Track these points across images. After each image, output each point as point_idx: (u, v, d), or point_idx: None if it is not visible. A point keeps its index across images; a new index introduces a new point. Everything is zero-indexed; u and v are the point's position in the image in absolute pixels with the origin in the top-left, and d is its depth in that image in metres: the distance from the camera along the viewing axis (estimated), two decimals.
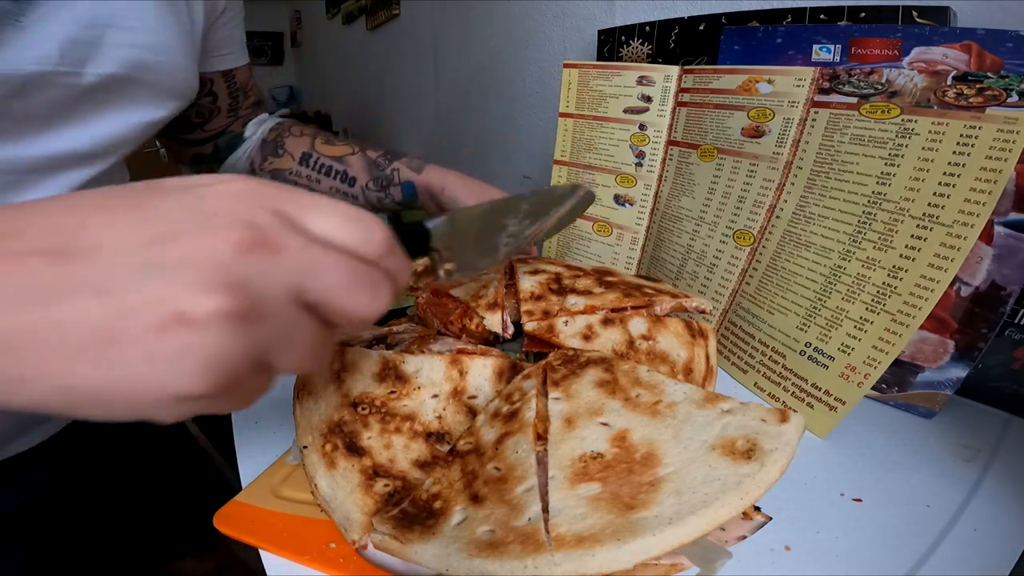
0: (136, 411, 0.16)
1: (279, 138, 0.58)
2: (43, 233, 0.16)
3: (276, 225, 0.17)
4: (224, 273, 0.16)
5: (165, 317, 0.15)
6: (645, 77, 0.50)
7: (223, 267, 0.16)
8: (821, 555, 0.29)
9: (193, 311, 0.15)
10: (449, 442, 0.31)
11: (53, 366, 0.15)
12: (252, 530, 0.29)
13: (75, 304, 0.15)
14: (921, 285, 0.33)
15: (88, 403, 0.16)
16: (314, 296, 0.18)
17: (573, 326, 0.37)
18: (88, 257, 0.16)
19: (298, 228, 0.18)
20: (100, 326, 0.15)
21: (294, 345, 0.18)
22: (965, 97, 0.31)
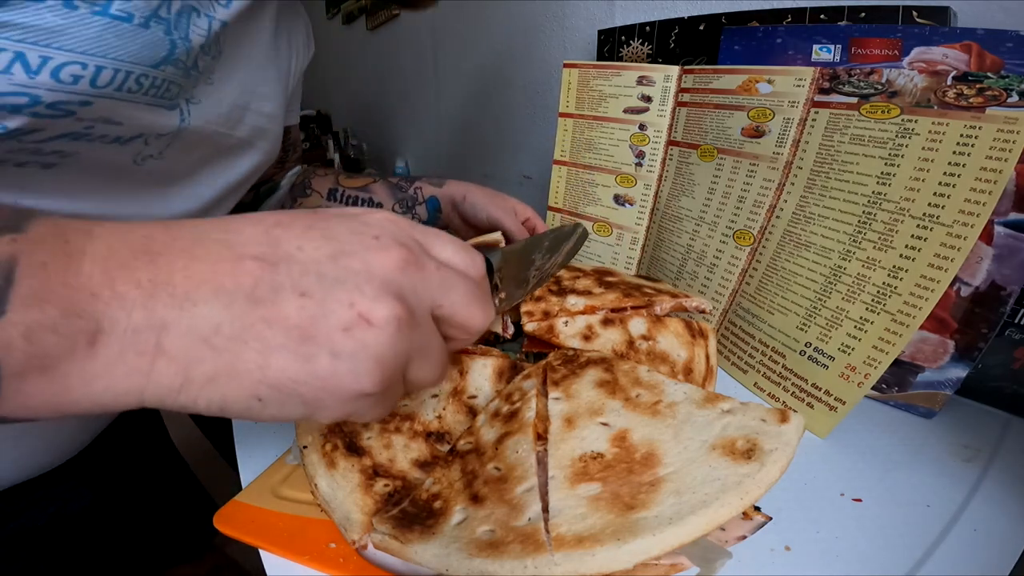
0: (311, 405, 0.18)
1: (306, 180, 0.61)
2: (248, 242, 0.18)
3: (418, 247, 0.20)
4: (393, 285, 0.19)
5: (353, 319, 0.17)
6: (645, 77, 0.50)
7: (391, 280, 0.19)
8: (821, 555, 0.29)
9: (374, 315, 0.18)
10: (449, 442, 0.31)
11: (251, 360, 0.17)
12: (252, 530, 0.29)
13: (284, 303, 0.17)
14: (921, 285, 0.33)
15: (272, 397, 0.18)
16: (445, 310, 0.21)
17: (573, 326, 0.37)
18: (288, 264, 0.18)
19: (431, 253, 0.21)
20: (300, 324, 0.17)
21: (431, 354, 0.21)
22: (965, 97, 0.31)
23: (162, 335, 0.16)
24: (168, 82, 0.33)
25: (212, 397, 0.17)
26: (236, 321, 0.17)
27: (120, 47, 0.28)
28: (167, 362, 0.17)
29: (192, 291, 0.17)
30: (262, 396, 0.17)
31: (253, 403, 0.18)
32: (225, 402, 0.17)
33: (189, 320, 0.17)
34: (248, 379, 0.17)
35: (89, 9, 0.26)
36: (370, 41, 1.69)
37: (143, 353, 0.16)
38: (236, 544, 0.29)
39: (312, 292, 0.18)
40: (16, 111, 0.27)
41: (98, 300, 0.16)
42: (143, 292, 0.16)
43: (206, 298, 0.17)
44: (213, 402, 0.17)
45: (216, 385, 0.17)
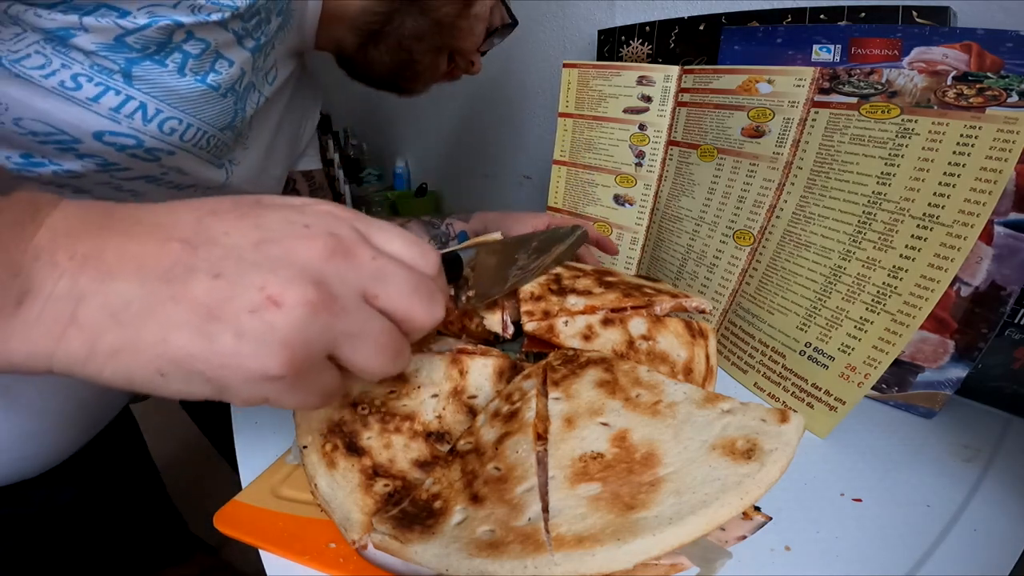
0: (216, 384, 0.18)
1: None
2: (180, 225, 0.19)
3: (354, 237, 0.21)
4: (312, 272, 0.19)
5: (261, 301, 0.18)
6: (645, 77, 0.50)
7: (312, 267, 0.19)
8: (821, 555, 0.29)
9: (284, 297, 0.18)
10: (449, 442, 0.31)
11: (153, 335, 0.17)
12: (252, 530, 0.29)
13: (195, 283, 0.18)
14: (921, 285, 0.33)
15: (173, 372, 0.18)
16: (381, 300, 0.21)
17: (573, 326, 0.37)
18: (210, 247, 0.18)
19: (371, 243, 0.21)
20: (207, 304, 0.18)
21: (363, 341, 0.20)
22: (965, 97, 0.31)
23: (78, 305, 0.17)
24: (224, 144, 0.38)
25: (117, 369, 0.18)
26: (146, 298, 0.18)
27: (206, 110, 0.35)
28: (76, 331, 0.17)
29: (116, 268, 0.18)
30: (164, 371, 0.18)
31: (156, 378, 0.18)
32: (130, 375, 0.18)
33: (104, 294, 0.17)
34: (149, 354, 0.18)
35: (194, 77, 0.33)
36: None
37: (58, 320, 0.17)
38: (235, 544, 0.29)
39: (226, 275, 0.18)
40: (122, 149, 0.33)
41: (36, 264, 0.17)
42: (75, 263, 0.18)
43: (126, 275, 0.18)
44: (118, 374, 0.18)
45: (119, 358, 0.18)
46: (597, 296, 0.39)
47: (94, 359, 0.18)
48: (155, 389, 0.18)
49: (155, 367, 0.18)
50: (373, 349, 0.21)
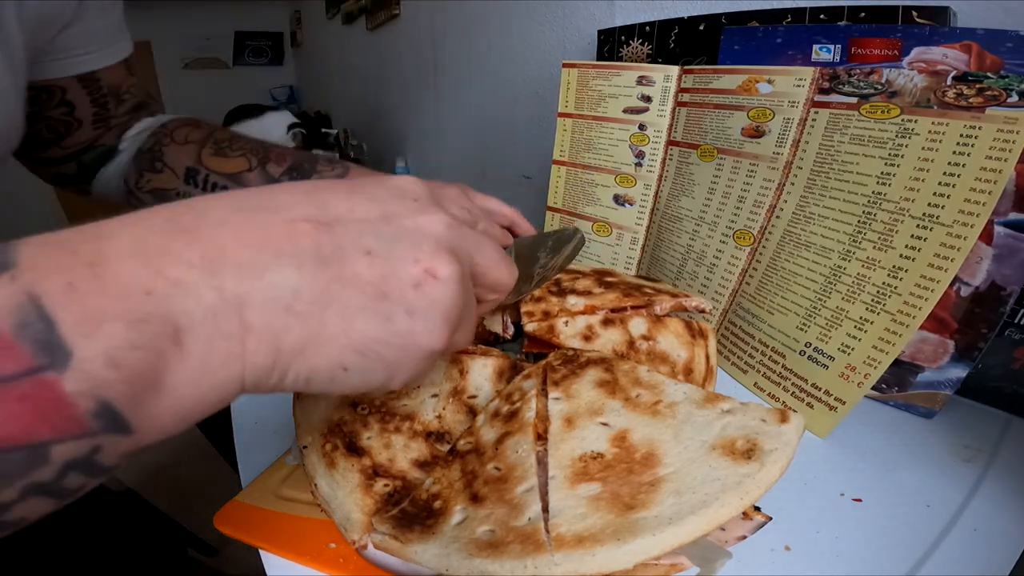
0: (390, 369, 0.18)
1: (157, 147, 0.48)
2: (292, 205, 0.17)
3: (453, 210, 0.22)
4: (444, 242, 0.19)
5: (420, 275, 0.18)
6: (645, 77, 0.50)
7: (443, 237, 0.19)
8: (821, 555, 0.29)
9: (438, 270, 0.18)
10: (449, 442, 0.31)
11: (336, 324, 0.16)
12: (252, 530, 0.29)
13: (353, 261, 0.17)
14: (921, 285, 0.33)
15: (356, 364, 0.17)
16: (480, 267, 0.21)
17: (573, 326, 0.37)
18: (343, 225, 0.17)
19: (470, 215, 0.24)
20: (373, 282, 0.17)
21: (471, 313, 0.21)
22: (965, 97, 0.31)
23: (243, 311, 0.15)
24: None
25: (300, 370, 0.17)
26: (312, 284, 0.16)
27: None
28: (256, 340, 0.15)
29: (253, 259, 0.15)
30: (348, 364, 0.17)
31: (338, 373, 0.17)
32: (312, 374, 0.17)
33: (264, 290, 0.15)
34: (335, 345, 0.17)
35: None
36: (370, 41, 1.69)
37: (231, 336, 0.15)
38: (236, 544, 0.29)
39: (376, 251, 0.17)
40: None
41: (156, 297, 0.14)
42: (202, 271, 0.15)
43: (271, 264, 0.16)
44: (300, 376, 0.17)
45: (305, 357, 0.16)
46: (597, 296, 0.39)
47: (279, 363, 0.16)
48: (331, 386, 0.18)
49: (340, 360, 0.17)
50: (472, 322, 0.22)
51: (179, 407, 0.15)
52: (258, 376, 0.16)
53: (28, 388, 0.12)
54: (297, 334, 0.16)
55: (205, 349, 0.15)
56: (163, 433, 0.15)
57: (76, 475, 0.13)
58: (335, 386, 0.18)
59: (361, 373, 0.18)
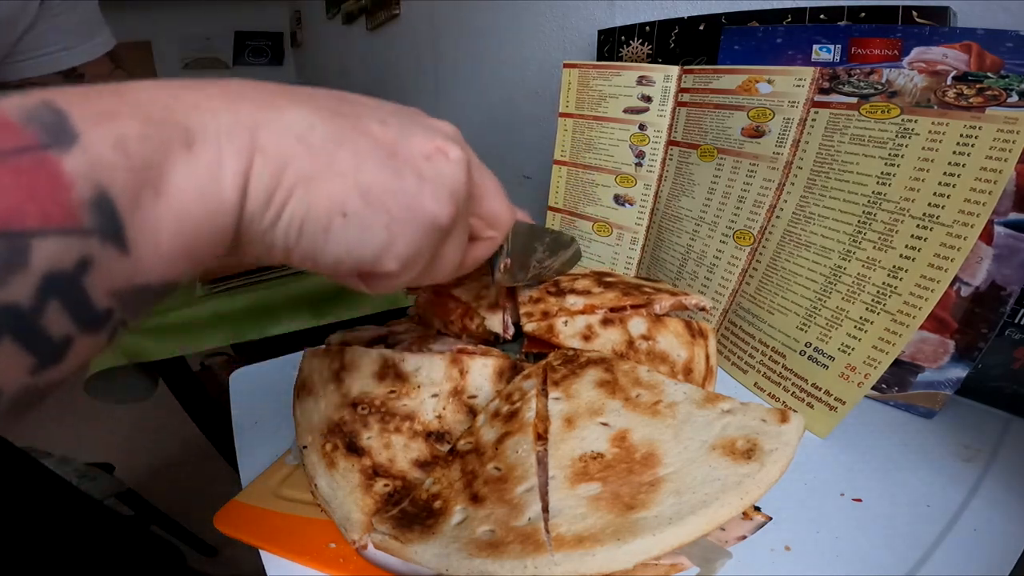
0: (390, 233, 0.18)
1: None
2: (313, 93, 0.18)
3: None
4: (457, 140, 0.20)
5: (432, 149, 0.19)
6: (645, 77, 0.50)
7: (456, 137, 0.20)
8: (821, 555, 0.29)
9: (449, 151, 0.19)
10: (449, 442, 0.31)
11: (346, 161, 0.16)
12: (252, 530, 0.29)
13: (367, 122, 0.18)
14: (921, 285, 0.33)
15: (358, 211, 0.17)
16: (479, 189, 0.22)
17: (573, 326, 0.37)
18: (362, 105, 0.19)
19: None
20: (385, 142, 0.18)
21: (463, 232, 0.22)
22: (965, 97, 0.31)
23: (256, 132, 0.15)
24: None
25: (297, 207, 0.16)
26: (326, 125, 0.16)
27: None
28: (263, 161, 0.15)
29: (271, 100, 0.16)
30: (349, 209, 0.16)
31: (336, 219, 0.16)
32: (309, 214, 0.16)
33: (279, 120, 0.15)
34: (341, 183, 0.16)
35: None
36: (370, 41, 1.69)
37: (240, 152, 0.15)
38: (236, 544, 0.29)
39: (390, 123, 0.18)
40: None
41: (175, 110, 0.14)
42: (221, 100, 0.15)
43: (288, 106, 0.16)
44: (296, 216, 0.16)
45: (309, 188, 0.16)
46: (596, 296, 0.39)
47: (280, 193, 0.15)
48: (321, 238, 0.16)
49: (343, 201, 0.16)
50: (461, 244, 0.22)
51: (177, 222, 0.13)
52: (257, 204, 0.15)
53: (25, 163, 0.11)
54: (306, 163, 0.16)
55: (213, 158, 0.14)
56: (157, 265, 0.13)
57: (58, 311, 0.11)
58: (329, 239, 0.17)
59: (360, 226, 0.17)
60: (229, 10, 2.79)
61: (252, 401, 0.43)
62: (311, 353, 0.36)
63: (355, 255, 0.17)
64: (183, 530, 0.99)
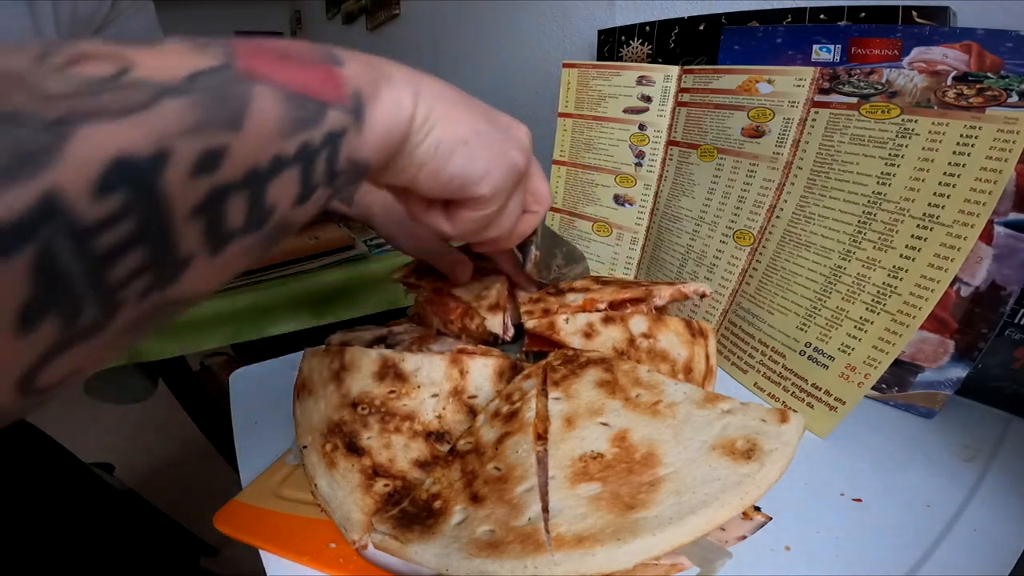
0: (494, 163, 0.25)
1: None
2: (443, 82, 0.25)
3: None
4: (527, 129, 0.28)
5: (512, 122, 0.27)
6: (645, 77, 0.50)
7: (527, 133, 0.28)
8: (821, 555, 0.29)
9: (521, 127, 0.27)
10: (449, 442, 0.31)
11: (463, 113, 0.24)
12: (252, 530, 0.29)
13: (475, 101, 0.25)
14: (921, 285, 0.33)
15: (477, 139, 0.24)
16: (532, 168, 0.29)
17: (574, 324, 0.37)
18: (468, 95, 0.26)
19: None
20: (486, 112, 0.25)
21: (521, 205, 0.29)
22: (965, 97, 0.31)
23: (418, 85, 0.22)
24: None
25: (436, 133, 0.22)
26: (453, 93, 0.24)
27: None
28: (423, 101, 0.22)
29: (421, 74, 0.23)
30: (469, 138, 0.23)
31: (459, 146, 0.23)
32: (443, 138, 0.23)
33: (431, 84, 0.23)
34: (464, 125, 0.23)
35: None
36: (370, 41, 1.69)
37: (411, 93, 0.22)
38: (236, 544, 0.29)
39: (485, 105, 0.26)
40: None
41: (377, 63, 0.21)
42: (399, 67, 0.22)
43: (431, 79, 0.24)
44: (434, 139, 0.22)
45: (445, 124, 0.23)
46: (595, 291, 0.39)
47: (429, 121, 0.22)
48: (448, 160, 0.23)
49: (465, 136, 0.23)
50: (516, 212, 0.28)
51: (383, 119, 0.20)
52: (417, 124, 0.22)
53: (322, 70, 0.18)
54: (445, 109, 0.23)
55: (399, 91, 0.21)
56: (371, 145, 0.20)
57: (323, 160, 0.17)
58: (452, 159, 0.23)
59: (472, 155, 0.24)
60: (229, 10, 2.79)
61: (252, 401, 0.43)
62: (311, 353, 0.36)
63: (466, 173, 0.24)
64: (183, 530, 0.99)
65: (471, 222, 0.26)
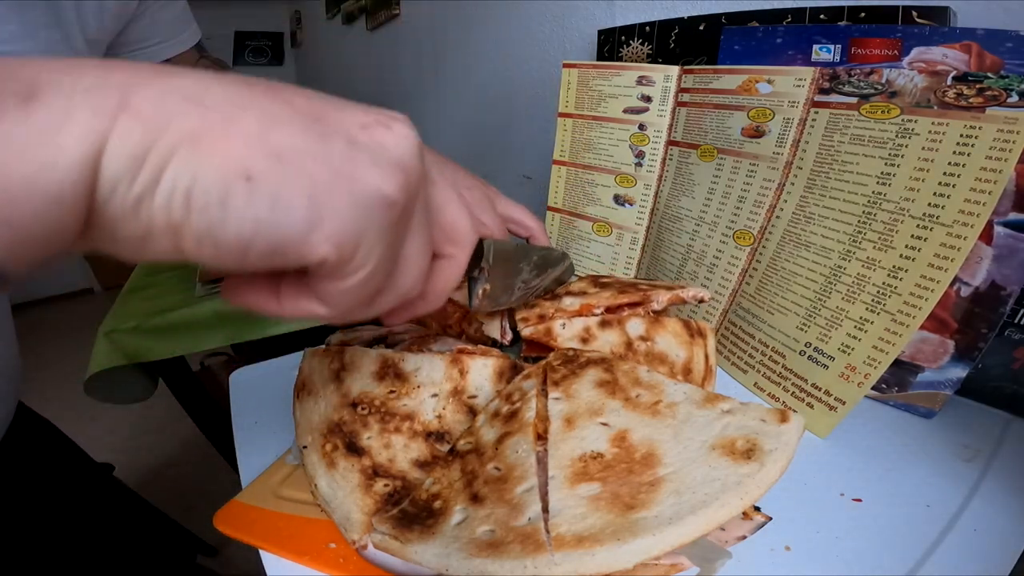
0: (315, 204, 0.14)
1: None
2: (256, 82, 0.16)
3: None
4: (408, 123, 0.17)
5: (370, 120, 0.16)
6: (645, 77, 0.50)
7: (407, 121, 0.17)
8: (821, 555, 0.29)
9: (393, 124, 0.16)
10: (449, 442, 0.31)
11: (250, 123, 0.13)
12: (252, 530, 0.29)
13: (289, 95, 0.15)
14: (921, 285, 0.33)
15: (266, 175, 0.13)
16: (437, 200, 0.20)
17: (571, 329, 0.37)
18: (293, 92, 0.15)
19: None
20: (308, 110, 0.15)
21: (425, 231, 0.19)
22: (965, 97, 0.31)
23: (129, 91, 0.12)
24: None
25: (182, 173, 0.12)
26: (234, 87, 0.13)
27: None
28: (132, 120, 0.12)
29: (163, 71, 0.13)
30: (256, 172, 0.13)
31: (237, 184, 0.13)
32: (196, 181, 0.12)
33: (166, 84, 0.13)
34: (243, 140, 0.13)
35: None
36: (370, 41, 1.69)
37: (100, 111, 0.12)
38: (236, 544, 0.29)
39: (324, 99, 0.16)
40: None
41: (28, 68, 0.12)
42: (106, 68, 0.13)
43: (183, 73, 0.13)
44: (179, 183, 0.12)
45: (195, 149, 0.12)
46: (592, 295, 0.39)
47: (156, 155, 0.12)
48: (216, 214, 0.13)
49: (245, 163, 0.13)
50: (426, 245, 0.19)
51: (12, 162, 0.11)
52: (118, 169, 0.12)
53: None
54: (195, 121, 0.12)
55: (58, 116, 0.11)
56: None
57: None
58: (229, 211, 0.13)
59: (271, 194, 0.13)
60: (229, 10, 2.79)
61: (252, 401, 0.43)
62: (311, 353, 0.36)
63: (268, 233, 0.13)
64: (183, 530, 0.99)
65: (343, 296, 0.17)
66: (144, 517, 0.75)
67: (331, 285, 0.16)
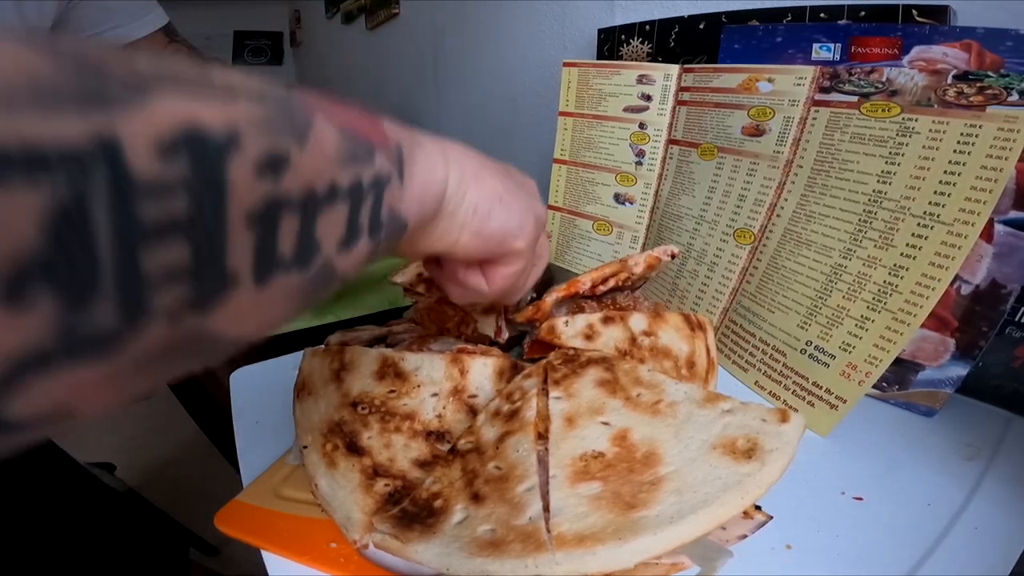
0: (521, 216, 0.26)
1: None
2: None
3: None
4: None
5: (523, 176, 0.30)
6: (645, 76, 0.50)
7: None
8: (822, 554, 0.29)
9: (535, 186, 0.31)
10: (449, 441, 0.31)
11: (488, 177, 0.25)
12: (253, 530, 0.29)
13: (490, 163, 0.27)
14: (922, 283, 0.33)
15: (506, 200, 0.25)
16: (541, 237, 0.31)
17: (574, 326, 0.37)
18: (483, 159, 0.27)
19: None
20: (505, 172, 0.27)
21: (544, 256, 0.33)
22: (965, 96, 0.31)
23: (445, 150, 0.23)
24: None
25: (472, 195, 0.24)
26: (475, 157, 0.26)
27: None
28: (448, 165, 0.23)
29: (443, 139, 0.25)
30: (502, 195, 0.25)
31: (496, 202, 0.25)
32: (479, 199, 0.24)
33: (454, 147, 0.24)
34: (493, 184, 0.25)
35: None
36: (370, 41, 1.69)
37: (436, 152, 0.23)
38: (236, 544, 0.29)
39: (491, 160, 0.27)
40: None
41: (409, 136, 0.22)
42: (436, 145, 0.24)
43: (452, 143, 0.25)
44: (471, 201, 0.24)
45: (477, 184, 0.24)
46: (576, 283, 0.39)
47: (463, 183, 0.23)
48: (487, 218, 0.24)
49: (499, 193, 0.25)
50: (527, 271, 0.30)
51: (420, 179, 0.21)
52: (453, 185, 0.23)
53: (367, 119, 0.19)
54: (471, 168, 0.24)
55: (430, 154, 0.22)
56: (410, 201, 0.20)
57: (368, 205, 0.17)
58: (492, 216, 0.24)
59: (508, 209, 0.25)
60: (228, 9, 2.79)
61: (252, 401, 0.43)
62: (311, 353, 0.36)
63: (505, 229, 0.25)
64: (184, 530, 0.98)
65: (505, 279, 0.28)
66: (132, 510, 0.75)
67: (501, 270, 0.28)
